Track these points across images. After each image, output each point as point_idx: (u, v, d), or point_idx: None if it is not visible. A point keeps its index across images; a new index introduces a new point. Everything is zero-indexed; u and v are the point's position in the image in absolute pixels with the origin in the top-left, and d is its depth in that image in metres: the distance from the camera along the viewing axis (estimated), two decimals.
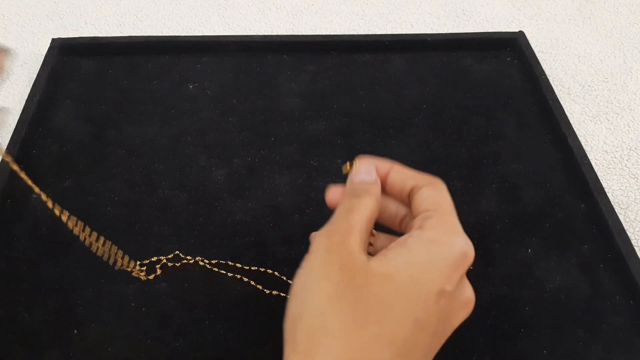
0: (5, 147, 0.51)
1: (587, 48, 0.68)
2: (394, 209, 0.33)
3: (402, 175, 0.31)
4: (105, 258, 0.40)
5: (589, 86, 0.63)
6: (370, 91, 0.60)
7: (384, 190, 0.32)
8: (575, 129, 0.55)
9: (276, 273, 0.44)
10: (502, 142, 0.55)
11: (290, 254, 0.46)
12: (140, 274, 0.43)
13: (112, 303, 0.42)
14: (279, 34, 0.67)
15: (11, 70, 0.62)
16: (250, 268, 0.44)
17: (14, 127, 0.53)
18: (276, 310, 0.28)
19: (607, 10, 0.73)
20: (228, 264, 0.45)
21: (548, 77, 0.61)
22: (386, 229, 0.33)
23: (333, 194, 0.32)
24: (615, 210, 0.48)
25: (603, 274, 0.45)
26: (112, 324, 0.41)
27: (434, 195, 0.30)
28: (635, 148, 0.57)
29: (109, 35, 0.65)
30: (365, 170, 0.32)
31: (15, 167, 0.36)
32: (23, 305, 0.42)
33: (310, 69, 0.62)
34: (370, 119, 0.57)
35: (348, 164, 0.33)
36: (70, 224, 0.37)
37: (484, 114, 0.58)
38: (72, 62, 0.61)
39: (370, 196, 0.30)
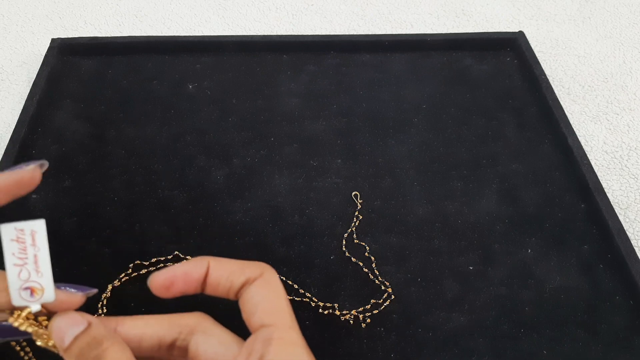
0: (5, 147, 0.51)
1: (587, 48, 0.68)
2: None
3: (225, 271, 0.26)
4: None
5: (589, 86, 0.63)
6: (370, 91, 0.60)
7: (210, 291, 0.26)
8: (575, 129, 0.55)
9: None
10: (502, 142, 0.55)
11: (290, 254, 0.46)
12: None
13: (112, 303, 0.42)
14: (279, 34, 0.67)
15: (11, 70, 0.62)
16: None
17: (14, 127, 0.53)
18: None
19: (607, 10, 0.73)
20: None
21: (548, 77, 0.61)
22: None
23: None
24: (615, 210, 0.48)
25: (603, 274, 0.45)
26: None
27: (268, 298, 0.24)
28: (635, 148, 0.56)
29: (109, 35, 0.65)
30: (67, 322, 0.24)
31: None
32: None
33: (309, 69, 0.62)
34: (370, 119, 0.57)
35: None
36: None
37: (483, 114, 0.58)
38: (72, 62, 0.61)
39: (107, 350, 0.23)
